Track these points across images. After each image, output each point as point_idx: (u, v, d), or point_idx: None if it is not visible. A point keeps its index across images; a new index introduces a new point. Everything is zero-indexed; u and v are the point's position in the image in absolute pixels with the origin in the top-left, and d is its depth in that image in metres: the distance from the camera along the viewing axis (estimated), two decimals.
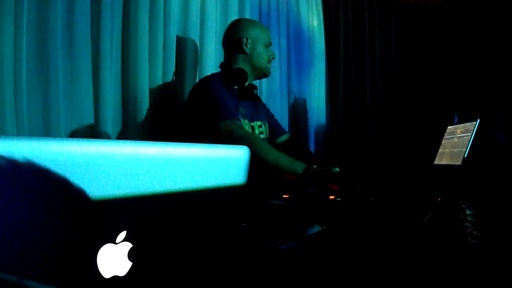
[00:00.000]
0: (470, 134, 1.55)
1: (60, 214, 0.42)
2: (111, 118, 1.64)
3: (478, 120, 1.54)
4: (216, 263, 0.62)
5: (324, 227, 0.97)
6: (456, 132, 1.72)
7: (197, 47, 2.03)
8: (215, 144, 0.63)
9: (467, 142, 1.53)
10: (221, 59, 1.89)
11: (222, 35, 1.86)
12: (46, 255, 0.41)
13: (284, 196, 1.40)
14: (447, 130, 1.84)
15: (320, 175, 1.38)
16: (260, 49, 1.77)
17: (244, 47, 1.75)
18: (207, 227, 0.60)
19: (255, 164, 0.78)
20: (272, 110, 2.04)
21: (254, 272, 0.71)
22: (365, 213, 1.14)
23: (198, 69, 2.04)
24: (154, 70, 1.82)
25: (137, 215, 0.50)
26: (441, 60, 2.99)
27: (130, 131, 1.73)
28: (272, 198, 1.34)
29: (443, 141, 1.83)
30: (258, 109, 1.86)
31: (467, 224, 1.03)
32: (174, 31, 1.91)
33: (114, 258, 0.47)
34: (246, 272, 0.69)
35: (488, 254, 0.83)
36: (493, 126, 2.43)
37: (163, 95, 1.87)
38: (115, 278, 0.47)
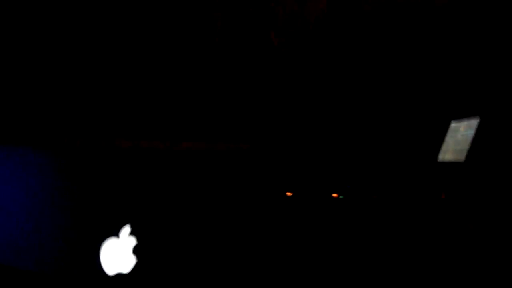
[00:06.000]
0: (473, 131, 1.54)
1: (63, 210, 0.42)
2: None
3: (479, 119, 1.53)
4: (218, 261, 0.62)
5: None
6: (460, 128, 1.71)
7: None
8: None
9: (471, 139, 1.52)
10: None
11: None
12: (50, 251, 0.41)
13: (287, 193, 1.39)
14: (451, 127, 1.83)
15: None
16: None
17: None
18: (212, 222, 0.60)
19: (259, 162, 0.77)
20: None
21: None
22: (367, 211, 1.14)
23: None
24: None
25: (142, 209, 0.49)
26: (442, 56, 2.97)
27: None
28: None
29: (446, 138, 1.82)
30: None
31: (470, 222, 1.02)
32: None
33: (118, 254, 0.47)
34: None
35: (489, 253, 0.83)
36: (496, 122, 2.42)
37: None
38: (119, 275, 0.47)
